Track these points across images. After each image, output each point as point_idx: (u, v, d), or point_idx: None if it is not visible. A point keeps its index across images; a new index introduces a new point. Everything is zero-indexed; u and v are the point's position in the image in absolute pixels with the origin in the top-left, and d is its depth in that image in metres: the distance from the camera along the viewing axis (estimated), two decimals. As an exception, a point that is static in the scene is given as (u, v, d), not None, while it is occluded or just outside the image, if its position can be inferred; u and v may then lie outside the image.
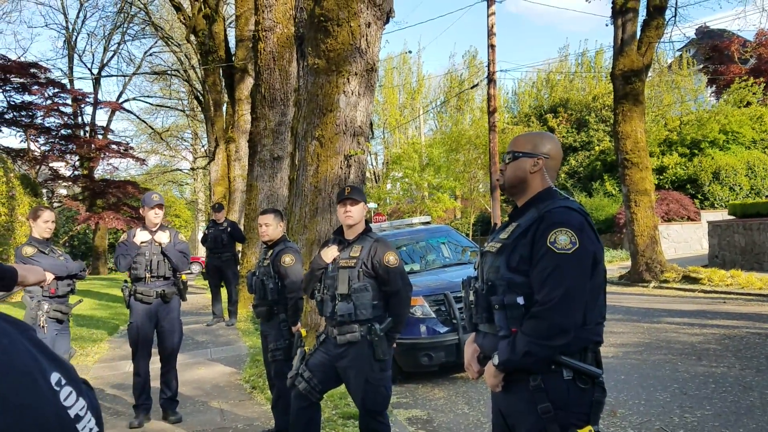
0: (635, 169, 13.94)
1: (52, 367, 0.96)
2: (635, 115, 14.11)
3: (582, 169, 25.26)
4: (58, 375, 0.96)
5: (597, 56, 32.97)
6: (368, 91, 6.03)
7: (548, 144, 2.38)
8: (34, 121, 23.58)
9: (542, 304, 2.12)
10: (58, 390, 0.95)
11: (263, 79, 11.28)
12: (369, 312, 3.45)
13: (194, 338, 9.00)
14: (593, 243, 2.19)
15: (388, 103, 36.29)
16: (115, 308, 12.92)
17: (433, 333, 6.29)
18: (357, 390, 3.51)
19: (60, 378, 0.96)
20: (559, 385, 2.15)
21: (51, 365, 0.97)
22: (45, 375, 0.94)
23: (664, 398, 5.30)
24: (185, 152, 44.56)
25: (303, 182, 6.03)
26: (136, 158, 29.20)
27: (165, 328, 5.28)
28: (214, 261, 10.18)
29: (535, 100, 32.91)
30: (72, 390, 0.97)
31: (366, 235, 3.62)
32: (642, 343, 7.52)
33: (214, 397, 5.94)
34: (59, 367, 0.98)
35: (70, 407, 0.95)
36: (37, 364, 0.94)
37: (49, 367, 0.96)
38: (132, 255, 5.17)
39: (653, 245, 13.88)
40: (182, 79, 32.93)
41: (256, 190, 11.41)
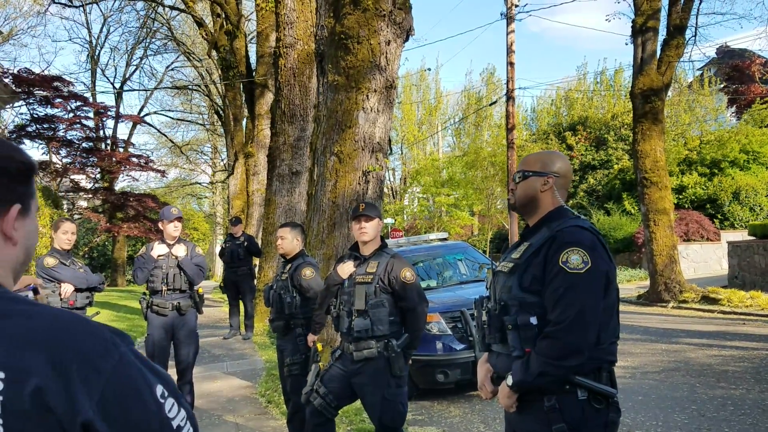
0: (654, 188, 13.84)
1: (156, 380, 1.00)
2: (654, 134, 14.03)
3: (600, 188, 25.10)
4: (161, 387, 1.00)
5: (616, 75, 32.86)
6: (387, 108, 6.08)
7: (558, 162, 2.39)
8: (57, 133, 23.96)
9: (556, 324, 2.12)
10: (163, 402, 0.99)
11: (283, 95, 11.40)
12: (386, 328, 3.46)
13: (210, 351, 9.05)
14: (606, 262, 2.19)
15: (406, 119, 36.42)
16: (132, 320, 13.02)
17: (449, 350, 6.27)
18: (373, 406, 3.51)
19: (163, 390, 1.00)
20: (573, 405, 2.14)
21: (155, 378, 1.00)
22: (151, 388, 0.98)
23: (681, 420, 5.23)
24: (204, 166, 45.07)
25: (321, 197, 6.08)
26: (156, 171, 29.54)
27: (181, 341, 5.32)
28: (230, 275, 10.26)
29: (554, 118, 32.83)
30: (174, 401, 1.01)
31: (382, 251, 3.63)
32: (660, 364, 7.43)
33: (229, 411, 5.96)
34: (161, 379, 1.02)
35: (173, 418, 0.99)
36: (144, 377, 0.98)
37: (153, 380, 1.00)
38: (149, 268, 5.23)
39: (672, 265, 13.72)
40: (203, 93, 33.39)
41: (274, 204, 11.50)
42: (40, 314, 0.97)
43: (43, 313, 0.98)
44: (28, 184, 1.10)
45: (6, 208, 1.05)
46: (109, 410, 0.93)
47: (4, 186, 1.05)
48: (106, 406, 0.93)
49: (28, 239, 1.10)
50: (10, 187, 1.06)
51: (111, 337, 0.99)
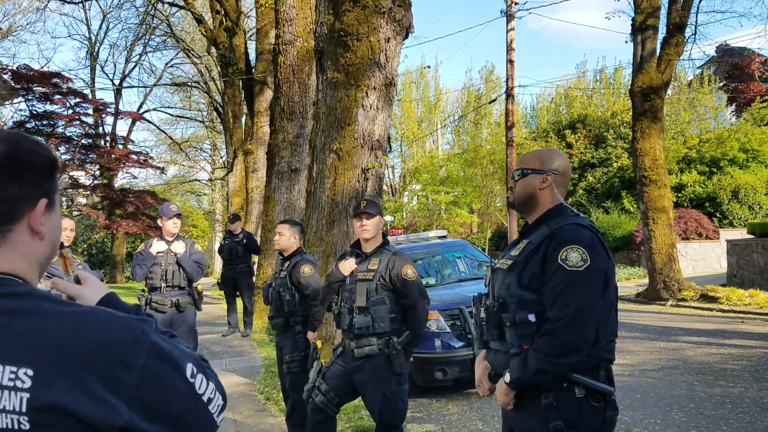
0: (653, 186, 13.84)
1: (184, 358, 1.00)
2: (654, 132, 14.03)
3: (600, 186, 25.10)
4: (190, 366, 1.00)
5: (616, 73, 32.83)
6: (386, 105, 6.08)
7: (556, 160, 2.39)
8: (56, 130, 23.90)
9: (554, 322, 2.12)
10: (193, 381, 1.00)
11: (282, 92, 11.39)
12: (387, 325, 3.46)
13: (209, 348, 9.05)
14: (604, 260, 2.19)
15: (405, 116, 36.39)
16: (131, 317, 13.02)
17: (447, 348, 6.28)
18: (374, 403, 3.52)
19: (192, 368, 1.00)
20: (571, 403, 2.14)
21: (182, 356, 1.00)
22: (182, 371, 0.99)
23: (680, 418, 5.24)
24: (204, 163, 45.02)
25: (320, 195, 6.08)
26: (156, 168, 29.51)
27: (180, 338, 5.32)
28: (228, 272, 10.25)
29: (553, 116, 32.82)
30: (202, 376, 1.02)
31: (384, 248, 3.64)
32: (658, 362, 7.44)
33: (228, 408, 5.94)
34: (188, 355, 1.02)
35: (203, 393, 1.01)
36: (174, 363, 0.98)
37: (182, 360, 0.99)
38: (148, 265, 5.24)
39: (671, 263, 13.74)
40: (202, 90, 33.33)
41: (273, 201, 11.49)
42: (60, 314, 0.95)
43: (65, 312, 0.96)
44: (53, 178, 1.09)
45: (33, 203, 1.04)
46: (146, 405, 0.93)
47: (31, 181, 1.04)
48: (143, 402, 0.92)
49: (54, 234, 1.10)
50: (37, 181, 1.05)
51: (139, 327, 0.97)
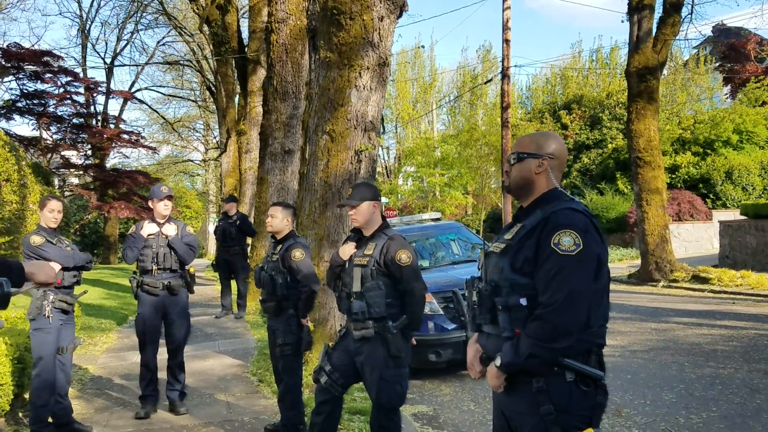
0: (647, 167, 13.85)
1: None
2: (649, 113, 14.01)
3: (594, 167, 25.09)
4: None
5: (612, 53, 32.64)
6: (380, 86, 6.01)
7: (553, 144, 2.36)
8: (47, 109, 23.69)
9: (546, 306, 2.11)
10: None
11: (275, 72, 11.27)
12: (383, 310, 3.45)
13: (202, 330, 9.05)
14: (598, 245, 2.18)
15: (400, 97, 36.19)
16: (124, 298, 13.00)
17: (441, 330, 6.30)
18: (372, 385, 3.54)
19: None
20: (561, 387, 2.15)
21: None
22: None
23: (669, 399, 5.29)
24: (197, 143, 44.74)
25: (313, 177, 6.03)
26: (148, 148, 29.33)
27: (172, 320, 5.30)
28: (222, 254, 10.22)
29: (548, 96, 32.67)
30: None
31: (382, 232, 3.61)
32: (649, 343, 7.49)
33: (221, 390, 5.97)
34: None
35: None
36: None
37: None
38: (139, 247, 5.19)
39: (663, 244, 13.80)
40: (195, 69, 32.97)
41: (266, 183, 11.42)
42: None
43: None
44: None
45: None
46: None
47: None
48: None
49: None
50: None
51: None
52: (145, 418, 5.12)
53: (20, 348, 5.17)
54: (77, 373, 6.51)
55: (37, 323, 4.61)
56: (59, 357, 4.74)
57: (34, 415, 4.62)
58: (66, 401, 4.87)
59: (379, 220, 3.67)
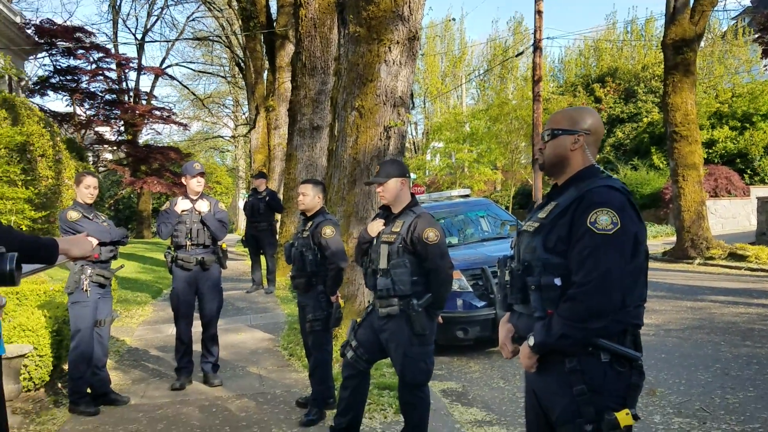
0: (684, 142, 13.54)
1: None
2: (686, 86, 13.65)
3: (628, 142, 24.59)
4: None
5: (647, 24, 31.83)
6: (410, 60, 5.92)
7: (589, 119, 2.29)
8: (80, 85, 23.99)
9: (580, 286, 2.07)
10: None
11: (304, 47, 11.21)
12: (408, 288, 3.44)
13: (234, 304, 9.18)
14: (635, 223, 2.12)
15: (429, 71, 35.81)
16: (158, 272, 13.25)
17: (469, 307, 6.28)
18: (396, 362, 3.56)
19: None
20: (595, 367, 2.11)
21: None
22: None
23: (705, 378, 5.20)
24: (227, 119, 45.05)
25: (342, 153, 6.00)
26: (179, 124, 29.59)
27: (205, 295, 5.40)
28: (251, 230, 10.31)
29: (582, 69, 32.03)
30: None
31: (410, 210, 3.58)
32: (684, 322, 7.37)
33: (252, 363, 6.07)
34: None
35: None
36: None
37: None
38: (173, 223, 5.28)
39: (700, 221, 13.53)
40: (224, 45, 33.05)
41: (295, 159, 11.44)
42: None
43: None
44: None
45: None
46: None
47: None
48: None
49: None
50: None
51: None
52: (180, 390, 5.24)
53: (59, 321, 5.31)
54: (114, 345, 6.68)
55: (75, 297, 4.73)
56: (97, 330, 4.86)
57: (72, 386, 4.76)
58: (103, 372, 5.00)
59: (408, 198, 3.64)
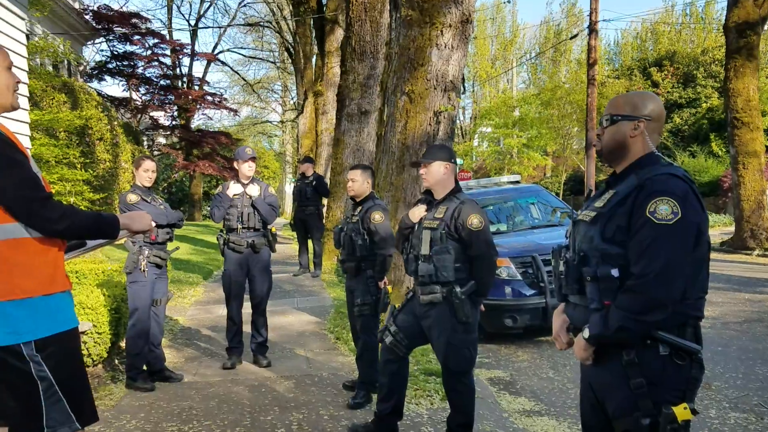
0: (745, 129, 13.04)
1: None
2: (748, 70, 13.11)
3: (687, 128, 23.79)
4: None
5: (707, 6, 30.71)
6: (462, 44, 5.84)
7: (650, 104, 2.21)
8: (136, 71, 24.56)
9: (639, 278, 2.01)
10: None
11: (354, 31, 11.18)
12: (451, 274, 3.40)
13: (281, 287, 9.31)
14: (697, 213, 2.04)
15: (479, 54, 35.31)
16: (209, 254, 13.55)
17: (518, 295, 6.21)
18: (439, 350, 3.53)
19: None
20: (654, 360, 2.06)
21: None
22: None
23: (763, 373, 5.04)
24: (275, 104, 45.53)
25: (391, 138, 5.98)
26: (229, 109, 30.04)
27: (255, 277, 5.49)
28: (299, 214, 10.42)
29: (638, 53, 31.08)
30: None
31: (453, 196, 3.55)
32: (742, 314, 7.13)
33: (300, 345, 6.15)
34: None
35: None
36: None
37: None
38: (225, 207, 5.39)
39: (760, 211, 13.04)
40: (274, 30, 33.28)
41: (342, 144, 11.46)
42: None
43: None
44: None
45: None
46: None
47: None
48: None
49: None
50: None
51: None
52: (231, 369, 5.36)
53: (117, 299, 5.49)
54: (168, 324, 6.86)
55: (133, 276, 4.89)
56: (153, 309, 5.02)
57: (129, 363, 4.93)
58: (159, 350, 5.16)
59: (452, 183, 3.59)
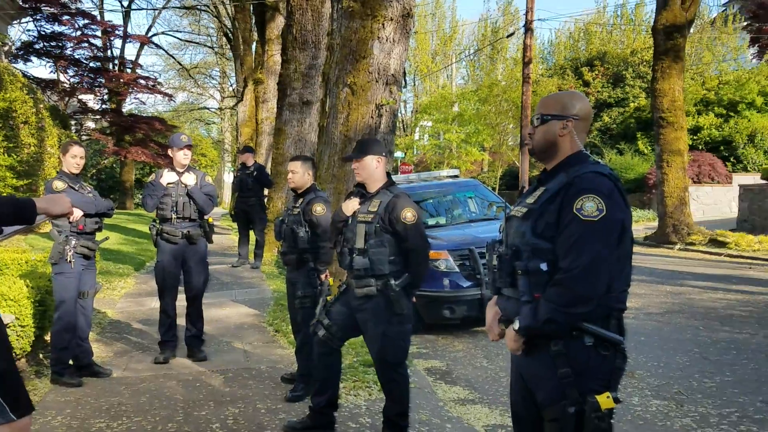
0: (670, 128, 13.64)
1: None
2: (674, 72, 13.70)
3: (615, 126, 24.68)
4: None
5: (637, 8, 31.91)
6: (403, 38, 5.88)
7: (578, 104, 2.30)
8: (64, 52, 23.54)
9: (566, 272, 2.10)
10: None
11: (295, 20, 11.05)
12: (386, 267, 3.43)
13: (219, 279, 9.15)
14: (622, 210, 2.14)
15: (419, 49, 35.51)
16: (141, 244, 13.16)
17: (456, 287, 6.33)
18: (374, 342, 3.55)
19: None
20: (580, 351, 2.15)
21: None
22: None
23: (683, 362, 5.31)
24: (213, 90, 44.48)
25: (333, 130, 5.97)
26: (164, 94, 29.16)
27: (191, 269, 5.36)
28: (240, 204, 10.27)
29: (571, 52, 31.98)
30: None
31: (387, 190, 3.58)
32: (664, 306, 7.49)
33: (238, 338, 6.08)
34: None
35: None
36: None
37: None
38: (159, 195, 5.22)
39: (682, 207, 13.69)
40: (212, 15, 32.46)
41: (284, 134, 11.34)
42: None
43: None
44: None
45: None
46: None
47: None
48: None
49: None
50: None
51: None
52: (164, 363, 5.24)
53: (41, 291, 5.27)
54: (96, 317, 6.63)
55: (59, 267, 4.70)
56: (80, 301, 4.84)
57: (55, 357, 4.75)
58: (87, 344, 4.99)
59: (384, 177, 3.63)
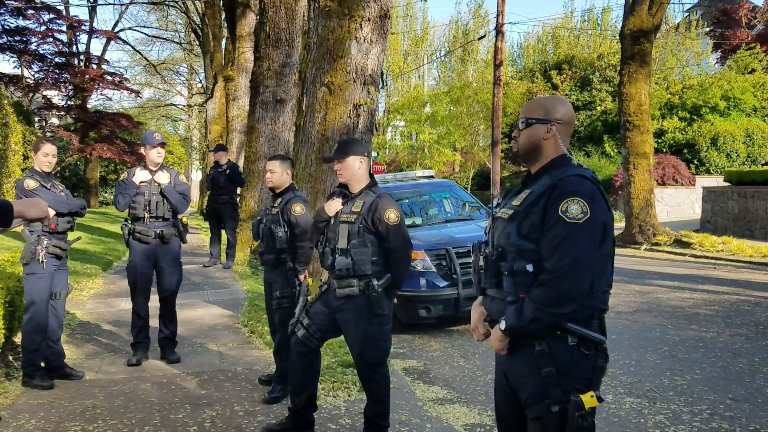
0: (636, 131, 13.91)
1: None
2: (641, 76, 13.98)
3: (582, 129, 25.07)
4: None
5: (604, 14, 32.42)
6: (381, 39, 5.88)
7: (561, 109, 2.35)
8: (29, 47, 23.02)
9: (551, 273, 2.14)
10: None
11: (268, 17, 10.96)
12: (368, 268, 3.45)
13: (190, 279, 9.00)
14: (604, 212, 2.20)
15: (392, 49, 35.50)
16: (108, 243, 12.91)
17: (432, 286, 6.36)
18: (355, 342, 3.55)
19: None
20: (563, 350, 2.19)
21: None
22: None
23: (654, 360, 5.42)
24: (181, 87, 43.85)
25: (310, 129, 5.95)
26: (131, 90, 28.68)
27: (164, 269, 5.27)
28: (212, 203, 10.16)
29: (540, 55, 32.37)
30: None
31: (370, 190, 3.59)
32: (633, 305, 7.64)
33: (212, 340, 6.01)
34: None
35: None
36: None
37: None
38: (131, 194, 5.13)
39: (648, 208, 13.97)
40: (180, 10, 31.98)
41: (257, 132, 11.24)
42: None
43: None
44: None
45: None
46: None
47: None
48: None
49: None
50: None
51: None
52: (137, 365, 5.15)
53: (11, 291, 5.14)
54: (65, 319, 6.43)
55: (30, 268, 4.59)
56: (52, 302, 4.73)
57: (26, 359, 4.64)
58: (58, 346, 4.88)
59: (367, 177, 3.64)
